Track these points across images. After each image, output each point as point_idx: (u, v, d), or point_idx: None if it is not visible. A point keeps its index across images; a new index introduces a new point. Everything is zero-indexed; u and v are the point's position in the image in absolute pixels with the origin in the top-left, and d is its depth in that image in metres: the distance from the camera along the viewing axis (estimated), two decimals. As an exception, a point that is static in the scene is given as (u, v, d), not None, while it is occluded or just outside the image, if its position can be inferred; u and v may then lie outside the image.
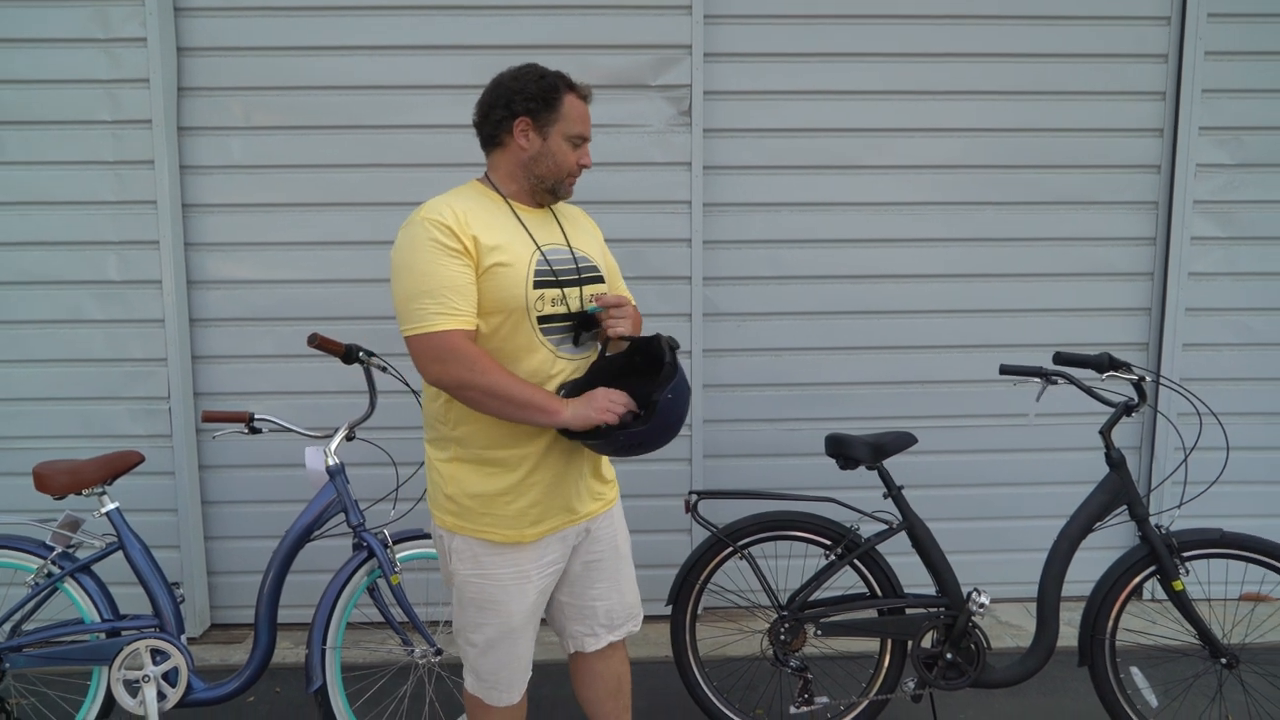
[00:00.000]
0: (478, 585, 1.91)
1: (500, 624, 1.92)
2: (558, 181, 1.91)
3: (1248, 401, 3.66)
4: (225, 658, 3.32)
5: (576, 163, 1.92)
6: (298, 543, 2.53)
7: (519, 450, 1.87)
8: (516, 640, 1.94)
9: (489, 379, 1.75)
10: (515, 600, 1.91)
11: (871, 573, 2.65)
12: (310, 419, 3.48)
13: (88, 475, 2.51)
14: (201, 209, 3.41)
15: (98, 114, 3.31)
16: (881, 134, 3.50)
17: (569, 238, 1.97)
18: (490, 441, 1.87)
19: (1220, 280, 3.61)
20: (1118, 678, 2.54)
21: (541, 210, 1.97)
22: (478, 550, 1.90)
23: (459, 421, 1.88)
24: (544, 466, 1.90)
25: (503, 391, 1.76)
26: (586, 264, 1.97)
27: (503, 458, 1.88)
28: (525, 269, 1.82)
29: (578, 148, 1.91)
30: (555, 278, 1.87)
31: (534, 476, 1.89)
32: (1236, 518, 3.69)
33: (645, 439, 1.81)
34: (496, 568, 1.90)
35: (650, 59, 3.40)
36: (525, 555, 1.91)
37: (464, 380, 1.75)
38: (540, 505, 1.90)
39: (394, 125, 3.39)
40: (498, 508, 1.88)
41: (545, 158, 1.89)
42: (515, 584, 1.91)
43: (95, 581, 2.58)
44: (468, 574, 1.91)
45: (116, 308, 3.40)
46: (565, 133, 1.88)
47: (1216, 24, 3.47)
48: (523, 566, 1.91)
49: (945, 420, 3.64)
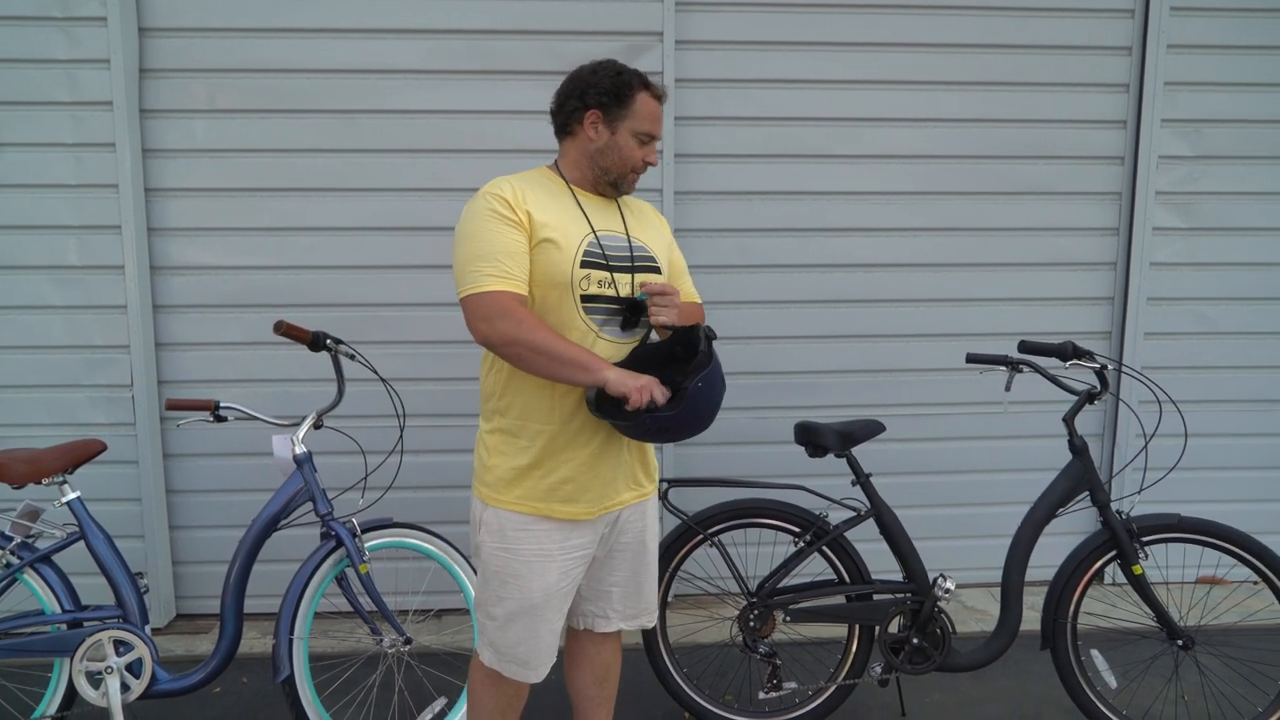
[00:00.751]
0: (502, 559, 1.95)
1: (521, 599, 1.95)
2: (621, 175, 1.97)
3: (1206, 389, 3.74)
4: (191, 648, 3.29)
5: (642, 159, 1.97)
6: (264, 532, 2.50)
7: (553, 426, 1.92)
8: (537, 617, 1.96)
9: (535, 335, 1.80)
10: (536, 576, 1.94)
11: (840, 559, 2.68)
12: (277, 407, 3.44)
13: (47, 464, 2.46)
14: (165, 193, 3.34)
15: (56, 95, 3.24)
16: (851, 123, 3.52)
17: (629, 227, 2.02)
18: (527, 414, 1.93)
19: (1181, 270, 3.67)
20: (1079, 660, 2.59)
21: (605, 199, 2.02)
22: (504, 523, 1.94)
23: (504, 393, 1.96)
24: (578, 445, 1.94)
25: (547, 347, 1.80)
26: (643, 253, 2.00)
27: (537, 430, 1.93)
28: (574, 248, 1.88)
29: (644, 145, 1.96)
30: (605, 261, 1.92)
31: (567, 454, 1.94)
32: (1195, 503, 3.78)
33: (672, 425, 1.82)
34: (520, 543, 1.94)
35: (621, 45, 3.38)
36: (551, 535, 1.95)
37: (510, 336, 1.80)
38: (573, 484, 1.95)
39: (362, 110, 3.35)
40: (531, 481, 1.94)
41: (612, 150, 1.95)
42: (538, 561, 1.94)
43: (56, 572, 2.53)
44: (493, 546, 1.96)
45: (77, 293, 3.33)
46: (634, 129, 1.93)
47: (1178, 18, 3.52)
48: (546, 546, 1.95)
49: (913, 408, 3.68)
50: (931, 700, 2.93)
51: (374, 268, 3.42)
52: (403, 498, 3.48)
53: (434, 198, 3.41)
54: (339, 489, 3.37)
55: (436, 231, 3.41)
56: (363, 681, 3.02)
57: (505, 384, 1.97)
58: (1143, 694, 2.95)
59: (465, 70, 3.36)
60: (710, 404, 1.84)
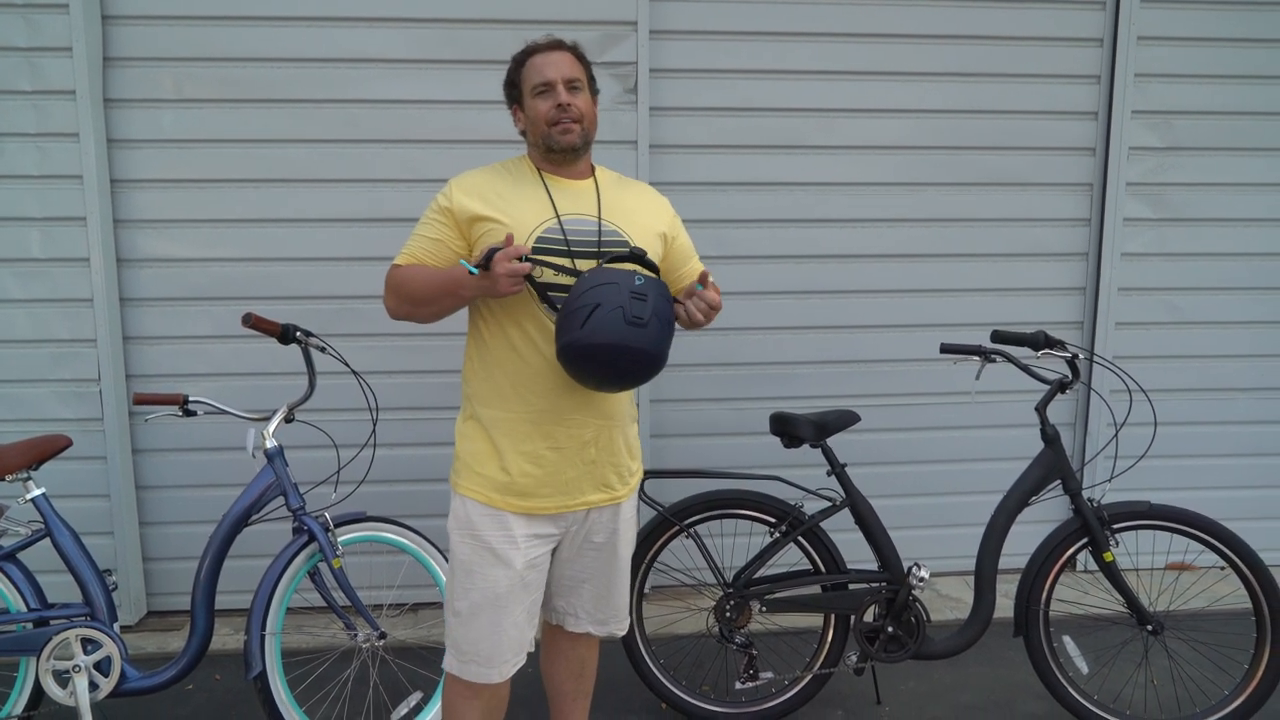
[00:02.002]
0: (469, 546, 1.92)
1: (485, 589, 1.91)
2: (545, 136, 1.91)
3: (1176, 378, 3.79)
4: (163, 645, 3.24)
5: (549, 109, 1.89)
6: (235, 527, 2.47)
7: (513, 414, 1.91)
8: (500, 609, 1.91)
9: (408, 287, 1.89)
10: (501, 566, 1.91)
11: (815, 549, 2.69)
12: (247, 401, 3.39)
13: (10, 460, 2.42)
14: (131, 184, 3.28)
15: (16, 83, 3.17)
16: (826, 114, 3.52)
17: (603, 209, 1.94)
18: (490, 400, 1.92)
19: (1151, 260, 3.71)
20: (1051, 647, 2.62)
21: (582, 181, 1.97)
22: (470, 511, 1.93)
23: (470, 378, 1.98)
24: (538, 437, 1.91)
25: (417, 290, 1.88)
26: (614, 238, 1.92)
27: (495, 418, 1.92)
28: (525, 232, 1.85)
29: (544, 94, 1.90)
30: (567, 246, 1.87)
31: (527, 445, 1.91)
32: (1164, 490, 3.83)
33: (577, 346, 1.72)
34: (485, 529, 1.91)
35: (595, 35, 3.36)
36: (514, 523, 1.92)
37: (391, 306, 1.95)
38: (532, 478, 1.91)
39: (331, 99, 3.30)
40: (490, 470, 1.91)
41: (530, 125, 1.94)
42: (503, 548, 1.91)
43: (21, 570, 2.49)
44: (459, 534, 1.94)
45: (41, 286, 3.27)
46: (531, 93, 1.92)
47: (1148, 9, 3.55)
48: (512, 531, 1.92)
49: (887, 399, 3.70)
50: (907, 688, 2.96)
51: (345, 260, 3.38)
52: (376, 491, 3.45)
53: (405, 188, 3.37)
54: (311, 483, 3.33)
55: (408, 223, 3.38)
56: (337, 677, 2.99)
57: (475, 371, 1.97)
58: (1113, 679, 2.99)
59: (437, 60, 3.32)
60: (601, 318, 1.70)
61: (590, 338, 1.71)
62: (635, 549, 2.68)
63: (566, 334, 1.74)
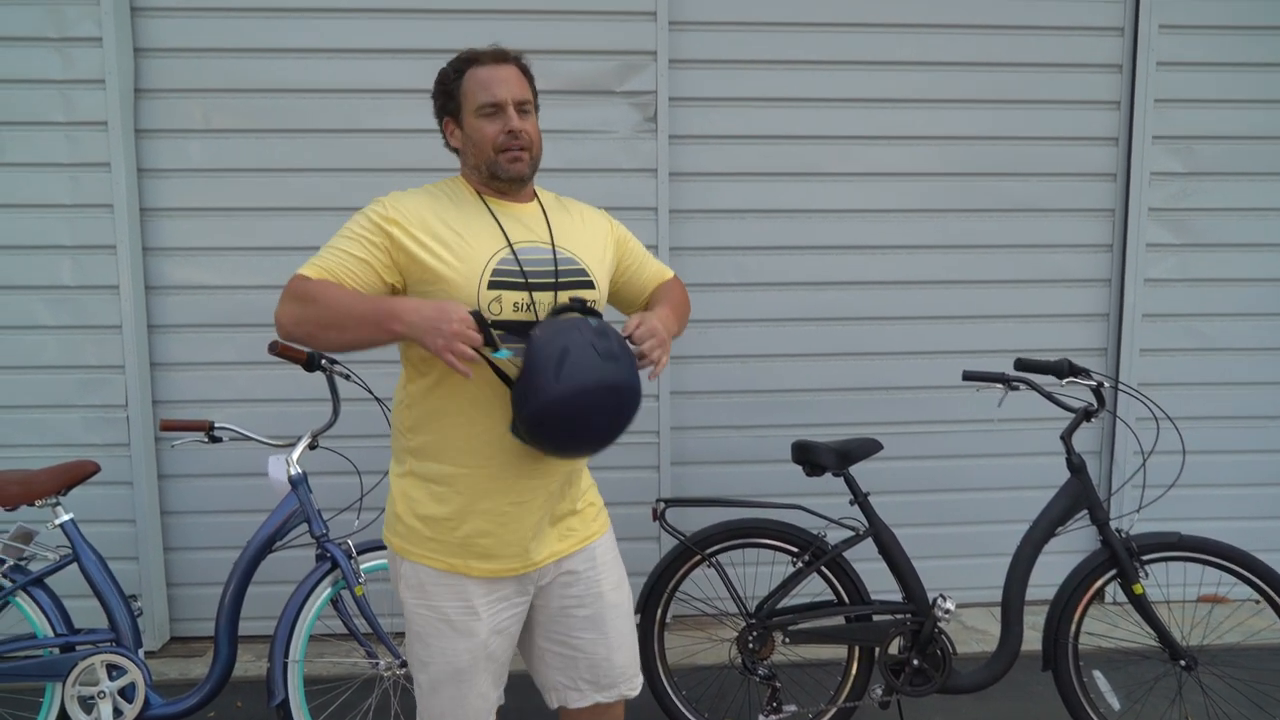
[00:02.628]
0: (424, 617, 1.74)
1: (445, 663, 1.73)
2: (491, 163, 1.71)
3: (1204, 405, 3.74)
4: (185, 671, 3.25)
5: (499, 132, 1.69)
6: (259, 553, 2.48)
7: (468, 470, 1.69)
8: (464, 683, 1.73)
9: (320, 302, 1.57)
10: (461, 637, 1.72)
11: (839, 579, 2.66)
12: (272, 427, 3.42)
13: (40, 486, 2.45)
14: (160, 213, 3.34)
15: (51, 115, 3.24)
16: (846, 141, 3.53)
17: (555, 235, 1.76)
18: (442, 455, 1.70)
19: (1175, 286, 3.68)
20: (1081, 681, 2.57)
21: (527, 205, 1.78)
22: (424, 577, 1.73)
23: (416, 429, 1.73)
24: (496, 494, 1.70)
25: (333, 310, 1.56)
26: (570, 266, 1.74)
27: (451, 475, 1.70)
28: (479, 268, 1.64)
29: (491, 116, 1.70)
30: (524, 279, 1.67)
31: (484, 504, 1.70)
32: (1195, 520, 3.76)
33: (555, 402, 1.51)
34: (441, 599, 1.72)
35: (615, 65, 3.39)
36: (473, 589, 1.72)
37: (294, 315, 1.59)
38: (491, 538, 1.71)
39: (355, 129, 3.35)
40: (443, 533, 1.71)
41: (469, 146, 1.73)
42: (462, 618, 1.72)
43: (49, 595, 2.51)
44: (414, 604, 1.75)
45: (70, 313, 3.32)
46: (474, 110, 1.70)
47: (1167, 35, 3.54)
48: (470, 600, 1.72)
49: (910, 426, 3.68)
50: (932, 721, 2.91)
51: (370, 287, 3.41)
52: (398, 518, 3.46)
53: (430, 217, 3.40)
54: (335, 510, 3.35)
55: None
56: (358, 705, 2.99)
57: (418, 419, 1.73)
58: (1146, 715, 2.93)
59: (461, 90, 3.36)
60: (566, 382, 1.52)
61: (569, 385, 1.51)
62: (657, 578, 2.68)
63: (538, 394, 1.53)
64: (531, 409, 1.55)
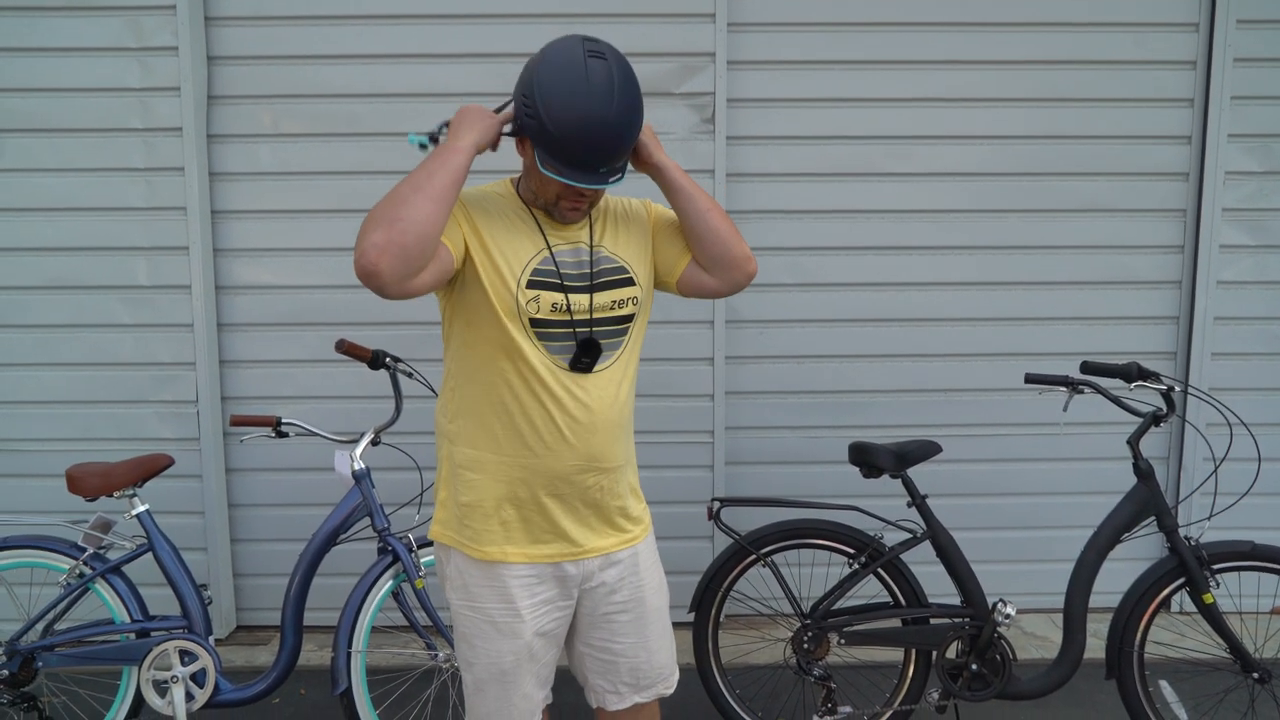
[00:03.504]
0: (469, 618, 1.74)
1: (490, 663, 1.73)
2: (547, 203, 1.69)
3: (1278, 412, 3.61)
4: (251, 659, 3.35)
5: (557, 197, 1.66)
6: (324, 546, 2.55)
7: (501, 456, 1.69)
8: (509, 685, 1.73)
9: (389, 196, 1.54)
10: (505, 639, 1.72)
11: (895, 582, 2.64)
12: (337, 423, 3.50)
13: (119, 478, 2.54)
14: (230, 215, 3.45)
15: (129, 122, 3.36)
16: (905, 141, 3.49)
17: (595, 234, 1.75)
18: (479, 440, 1.70)
19: (1249, 289, 3.56)
20: (1146, 691, 2.51)
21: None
22: (465, 574, 1.74)
23: (456, 413, 1.74)
24: (538, 482, 1.70)
25: (402, 186, 1.54)
26: (609, 264, 1.74)
27: (490, 462, 1.70)
28: (521, 266, 1.66)
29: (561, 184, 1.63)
30: (560, 281, 1.68)
31: (523, 491, 1.70)
32: (1268, 530, 3.64)
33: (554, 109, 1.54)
34: (485, 600, 1.72)
35: (673, 66, 3.40)
36: (515, 587, 1.71)
37: (373, 234, 1.50)
38: (530, 525, 1.72)
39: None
40: (478, 520, 1.72)
41: (531, 173, 1.68)
42: (506, 620, 1.72)
43: (125, 582, 2.61)
44: (460, 604, 1.76)
45: (145, 312, 3.44)
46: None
47: (1245, 30, 3.43)
48: (514, 601, 1.71)
49: (970, 429, 3.62)
50: (991, 728, 2.86)
51: (430, 287, 3.47)
52: (456, 514, 3.51)
53: (489, 218, 3.45)
54: (396, 505, 3.42)
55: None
56: (418, 696, 3.04)
57: (459, 405, 1.73)
58: (1214, 727, 2.85)
59: (521, 93, 3.41)
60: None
61: (557, 89, 1.55)
62: (711, 577, 2.68)
63: (541, 108, 1.56)
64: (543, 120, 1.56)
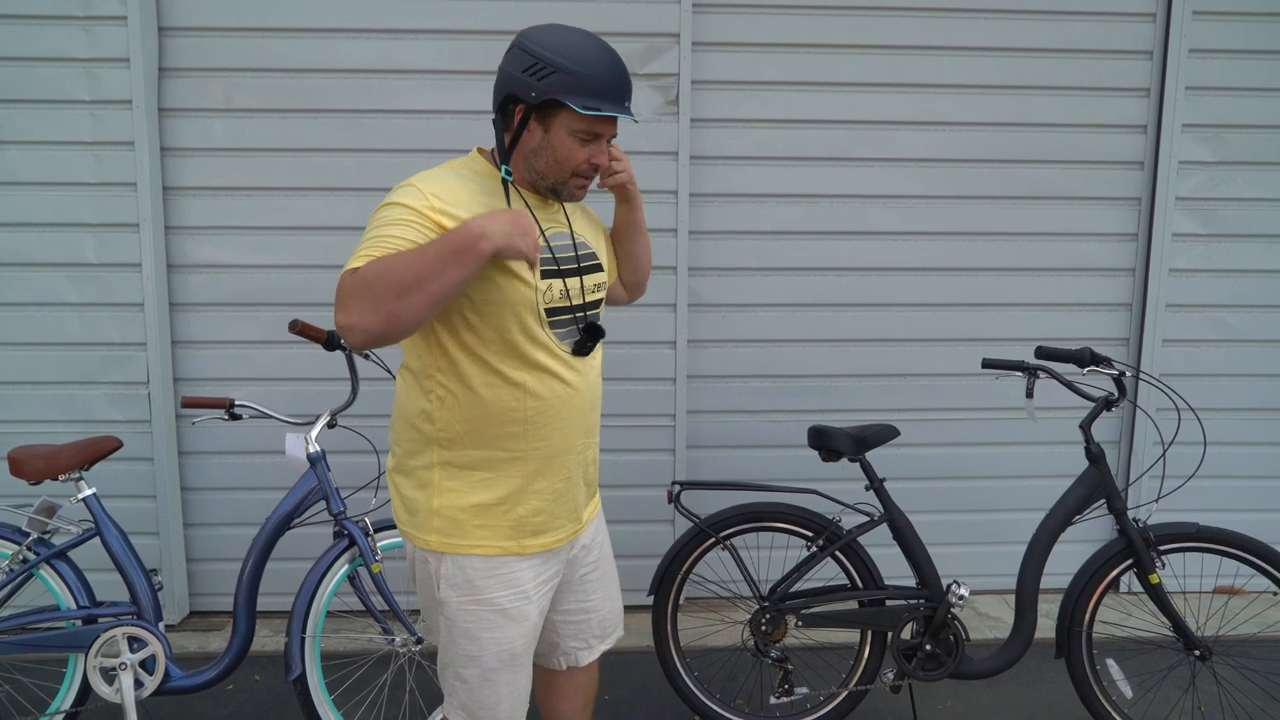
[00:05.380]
0: (471, 612, 1.68)
1: (499, 651, 1.70)
2: (559, 181, 1.66)
3: (1226, 397, 3.70)
4: (204, 645, 3.30)
5: (585, 160, 1.65)
6: (278, 530, 2.51)
7: (513, 453, 1.67)
8: (518, 667, 1.73)
9: (389, 273, 1.40)
10: (514, 624, 1.70)
11: (853, 564, 2.67)
12: (291, 405, 3.45)
13: (64, 460, 2.48)
14: (182, 191, 3.36)
15: (76, 93, 3.26)
16: (868, 126, 3.50)
17: (570, 221, 1.77)
18: (482, 440, 1.65)
19: (1200, 277, 3.64)
20: (1094, 669, 2.57)
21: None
22: (471, 573, 1.68)
23: (450, 420, 1.65)
24: (552, 471, 1.71)
25: (406, 270, 1.40)
26: (586, 251, 1.77)
27: (499, 460, 1.66)
28: None
29: (588, 143, 1.64)
30: (558, 266, 1.68)
31: (539, 483, 1.70)
32: (1213, 512, 3.74)
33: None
34: (492, 590, 1.68)
35: (638, 47, 3.38)
36: (524, 572, 1.71)
37: (360, 312, 1.40)
38: (545, 514, 1.71)
39: (377, 110, 3.36)
40: (494, 518, 1.67)
41: (544, 151, 1.64)
42: (515, 605, 1.70)
43: (72, 568, 2.55)
44: (460, 601, 1.68)
45: (94, 291, 3.35)
46: (572, 126, 1.61)
47: (1201, 21, 3.48)
48: (522, 586, 1.70)
49: (928, 413, 3.66)
50: (944, 708, 2.91)
51: (389, 268, 3.42)
52: (415, 497, 3.48)
53: (449, 198, 3.41)
54: (352, 488, 3.38)
55: (451, 232, 3.42)
56: (374, 681, 3.02)
57: (449, 407, 1.65)
58: (1158, 705, 2.92)
59: (481, 71, 3.36)
60: None
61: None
62: (671, 560, 2.69)
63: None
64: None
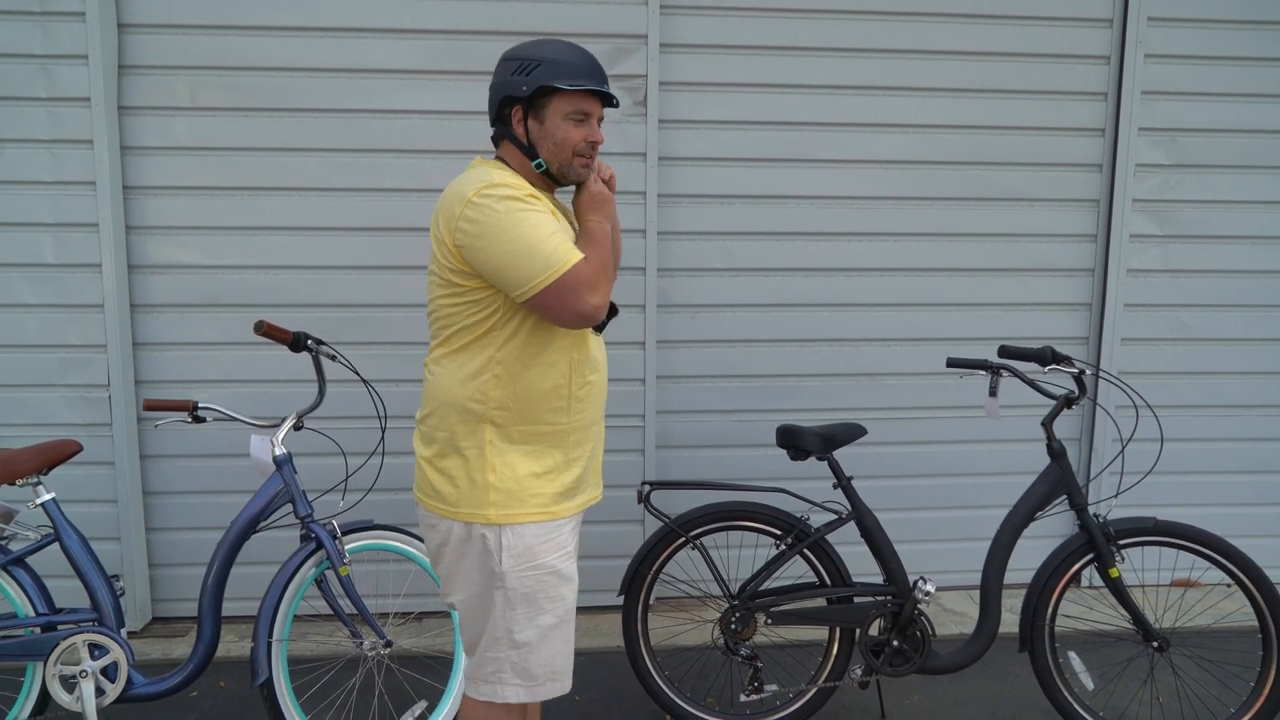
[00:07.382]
0: (532, 577, 1.82)
1: (557, 609, 1.85)
2: (564, 163, 1.82)
3: (1182, 394, 3.79)
4: (168, 651, 3.25)
5: (583, 139, 1.80)
6: (243, 534, 2.48)
7: (561, 425, 1.84)
8: (569, 621, 1.89)
9: (602, 249, 1.77)
10: (566, 582, 1.86)
11: (821, 562, 2.69)
12: (257, 408, 3.41)
13: (21, 465, 2.43)
14: (143, 191, 3.31)
15: (32, 90, 3.19)
16: (834, 128, 3.54)
17: (571, 219, 1.95)
18: (537, 416, 1.81)
19: (1157, 277, 3.72)
20: (1056, 662, 2.62)
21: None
22: (529, 539, 1.81)
23: (504, 399, 1.79)
24: (590, 437, 1.90)
25: (607, 244, 1.79)
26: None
27: (547, 433, 1.83)
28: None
29: (582, 123, 1.80)
30: None
31: (580, 450, 1.88)
32: (1170, 507, 3.82)
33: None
34: (548, 554, 1.83)
35: (606, 48, 3.38)
36: (566, 534, 1.87)
37: (604, 291, 1.73)
38: (580, 479, 1.89)
39: (343, 109, 3.33)
40: (543, 485, 1.82)
41: (544, 140, 1.80)
42: (565, 564, 1.86)
43: (30, 574, 2.50)
44: (521, 569, 1.81)
45: (52, 291, 3.29)
46: (565, 110, 1.78)
47: (1156, 27, 3.56)
48: (568, 546, 1.87)
49: (894, 412, 3.71)
50: (911, 702, 2.95)
51: (355, 268, 3.40)
52: (384, 500, 3.46)
53: (416, 198, 3.39)
54: (319, 491, 3.35)
55: (418, 232, 3.40)
56: (343, 685, 3.00)
57: (504, 385, 1.79)
58: (1119, 695, 2.98)
59: (448, 71, 3.35)
60: None
61: None
62: (641, 560, 2.70)
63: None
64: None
